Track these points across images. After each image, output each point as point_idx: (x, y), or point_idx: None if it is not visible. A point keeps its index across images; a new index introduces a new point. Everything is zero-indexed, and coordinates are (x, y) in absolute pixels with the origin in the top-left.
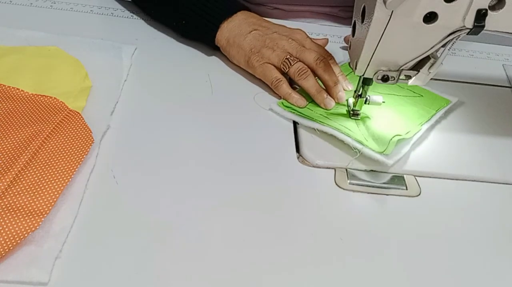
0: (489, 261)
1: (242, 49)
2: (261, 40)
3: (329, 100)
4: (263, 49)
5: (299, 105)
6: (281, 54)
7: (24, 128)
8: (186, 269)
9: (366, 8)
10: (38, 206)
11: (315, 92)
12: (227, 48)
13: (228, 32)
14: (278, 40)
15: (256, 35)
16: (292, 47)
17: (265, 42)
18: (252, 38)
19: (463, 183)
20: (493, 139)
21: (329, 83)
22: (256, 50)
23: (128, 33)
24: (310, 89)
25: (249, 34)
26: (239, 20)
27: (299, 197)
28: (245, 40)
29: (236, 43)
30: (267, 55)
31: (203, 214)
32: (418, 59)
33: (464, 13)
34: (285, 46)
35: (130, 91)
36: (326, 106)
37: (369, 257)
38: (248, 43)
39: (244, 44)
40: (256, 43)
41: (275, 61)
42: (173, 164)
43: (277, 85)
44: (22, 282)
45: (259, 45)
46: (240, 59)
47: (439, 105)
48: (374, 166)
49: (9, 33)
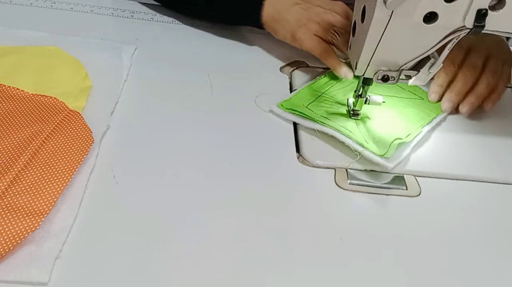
0: (489, 261)
1: (288, 22)
2: (306, 13)
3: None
4: (309, 23)
5: (348, 77)
6: (327, 26)
7: (24, 128)
8: (186, 269)
9: (366, 8)
10: (38, 206)
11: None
12: (271, 24)
13: (271, 8)
14: (323, 13)
15: (299, 9)
16: (337, 20)
17: (310, 16)
18: (296, 12)
19: (463, 183)
20: (493, 139)
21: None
22: (302, 23)
23: (128, 33)
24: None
25: (292, 8)
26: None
27: (299, 197)
28: (290, 14)
29: (281, 17)
30: (314, 28)
31: (203, 214)
32: (418, 59)
33: (464, 13)
34: (330, 19)
35: (130, 91)
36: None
37: (369, 257)
38: (294, 16)
39: (289, 18)
40: (301, 16)
41: (322, 33)
42: (173, 164)
43: (326, 56)
44: (22, 282)
45: (304, 19)
46: (286, 34)
47: (440, 108)
48: (374, 167)
49: (9, 33)
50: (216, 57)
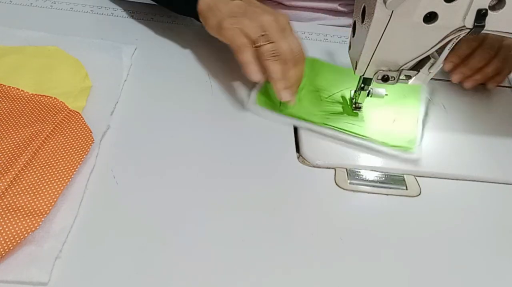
0: (489, 261)
1: (220, 12)
2: (242, 9)
3: (286, 93)
4: (241, 17)
5: (254, 79)
6: (257, 28)
7: (24, 128)
8: (186, 269)
9: (366, 8)
10: (38, 206)
11: (277, 79)
12: (204, 12)
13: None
14: (260, 14)
15: (238, 4)
16: (272, 26)
17: (246, 12)
18: (233, 5)
19: (463, 183)
20: (493, 139)
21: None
22: (233, 15)
23: (128, 33)
24: (273, 73)
25: (231, 2)
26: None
27: (299, 197)
28: (226, 6)
29: (216, 6)
30: (244, 23)
31: (203, 214)
32: (418, 59)
33: (464, 13)
34: (264, 22)
35: (130, 91)
36: (281, 97)
37: (369, 257)
38: (229, 9)
39: (223, 8)
40: (237, 10)
41: (251, 31)
42: (173, 164)
43: (242, 50)
44: (22, 282)
45: (239, 13)
46: (213, 23)
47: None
48: (375, 166)
49: (9, 33)
50: (216, 57)
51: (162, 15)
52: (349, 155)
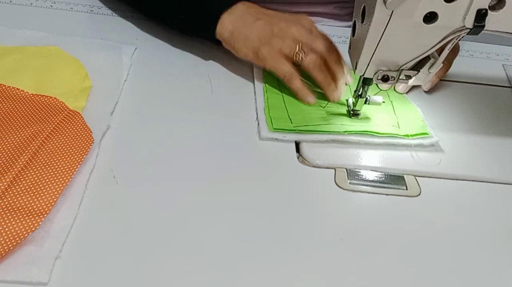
0: (489, 261)
1: (250, 39)
2: (269, 29)
3: (337, 94)
4: (273, 39)
5: (309, 101)
6: (292, 44)
7: (24, 128)
8: (186, 269)
9: (366, 8)
10: (38, 206)
11: (326, 85)
12: (231, 41)
13: (230, 24)
14: (287, 28)
15: (262, 25)
16: (302, 35)
17: (273, 31)
18: (258, 28)
19: (463, 183)
20: (493, 139)
21: (337, 75)
22: (265, 40)
23: (128, 33)
24: (322, 81)
25: (254, 24)
26: (240, 11)
27: (299, 197)
28: (251, 31)
29: (242, 34)
30: (278, 46)
31: (203, 214)
32: (418, 59)
33: (464, 13)
34: (295, 34)
35: (130, 91)
36: (334, 99)
37: (369, 257)
38: (256, 33)
39: (251, 34)
40: (264, 33)
41: (287, 51)
42: (173, 164)
43: (289, 79)
44: (22, 282)
45: (267, 35)
46: (248, 52)
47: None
48: (375, 166)
49: (9, 33)
50: (216, 57)
51: None
52: (349, 155)
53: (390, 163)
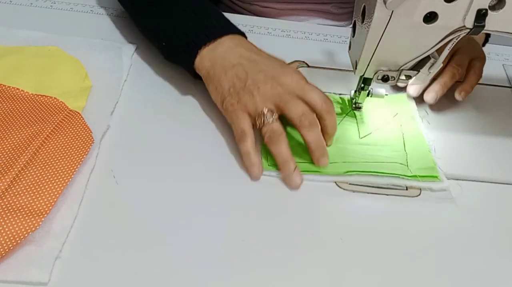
0: (489, 261)
1: (221, 86)
2: (243, 79)
3: (294, 176)
4: (242, 92)
5: (251, 172)
6: (260, 104)
7: (24, 128)
8: (186, 269)
9: (366, 8)
10: (38, 206)
11: (281, 161)
12: (207, 80)
13: (209, 61)
14: (262, 83)
15: (239, 72)
16: (276, 95)
17: (246, 83)
18: (233, 75)
19: (463, 183)
20: (493, 139)
21: (311, 146)
22: (234, 91)
23: (128, 33)
24: (277, 156)
25: (231, 69)
26: (224, 49)
27: (299, 197)
28: (226, 76)
29: (216, 77)
30: (244, 100)
31: (203, 214)
32: (418, 59)
33: (464, 13)
34: (268, 93)
35: (130, 91)
36: (289, 183)
37: (369, 257)
38: (229, 80)
39: (224, 80)
40: (236, 82)
41: (251, 109)
42: (173, 164)
43: (240, 139)
44: (22, 282)
45: (239, 86)
46: (216, 98)
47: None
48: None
49: (9, 33)
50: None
51: None
52: None
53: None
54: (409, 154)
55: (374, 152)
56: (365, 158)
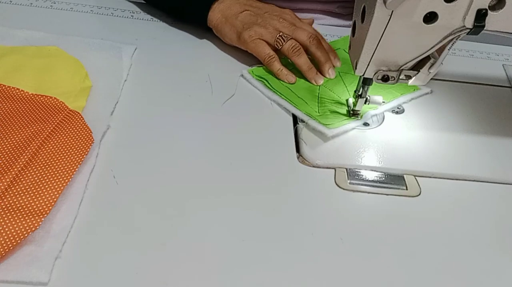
0: (489, 261)
1: (234, 26)
2: (253, 19)
3: (319, 77)
4: (255, 26)
5: (289, 81)
6: (273, 31)
7: (24, 128)
8: (185, 269)
9: (366, 8)
10: (38, 206)
11: (306, 69)
12: (219, 27)
13: (219, 12)
14: (270, 19)
15: (247, 15)
16: (284, 26)
17: (257, 21)
18: (244, 17)
19: (463, 183)
20: (493, 139)
21: (321, 59)
22: (248, 26)
23: (128, 33)
24: (302, 65)
25: (240, 14)
26: (230, 1)
27: (299, 197)
28: (237, 19)
29: (228, 21)
30: (259, 32)
31: (203, 213)
32: (418, 59)
33: (464, 13)
34: (277, 25)
35: (130, 91)
36: (316, 82)
37: (369, 257)
38: (240, 21)
39: (236, 22)
40: (248, 20)
41: (268, 37)
42: (173, 164)
43: (269, 61)
44: (22, 282)
45: (251, 23)
46: (232, 36)
47: (405, 90)
48: (374, 166)
49: (9, 33)
50: (216, 57)
51: (162, 15)
52: (349, 155)
53: (390, 163)
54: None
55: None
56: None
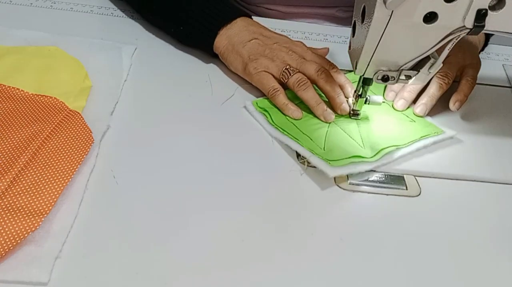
0: (489, 261)
1: (240, 56)
2: (261, 49)
3: (329, 113)
4: (262, 58)
5: (295, 117)
6: (280, 64)
7: (24, 128)
8: (185, 269)
9: (366, 8)
10: (38, 206)
11: (314, 104)
12: (225, 54)
13: (227, 39)
14: (278, 51)
15: (255, 44)
16: (292, 59)
17: (265, 52)
18: (251, 46)
19: (463, 183)
20: (493, 139)
21: (331, 94)
22: (254, 57)
23: (128, 33)
24: (309, 100)
25: (248, 43)
26: (238, 27)
27: (299, 197)
28: (244, 48)
29: (235, 50)
30: (265, 64)
31: (203, 213)
32: (418, 59)
33: (464, 13)
34: (285, 58)
35: (130, 91)
36: (326, 119)
37: (369, 257)
38: (247, 50)
39: (242, 51)
40: (255, 51)
41: (274, 71)
42: (173, 164)
43: (273, 95)
44: (22, 282)
45: (258, 54)
46: (237, 66)
47: (427, 132)
48: (375, 166)
49: (9, 33)
50: (216, 58)
51: None
52: None
53: (390, 163)
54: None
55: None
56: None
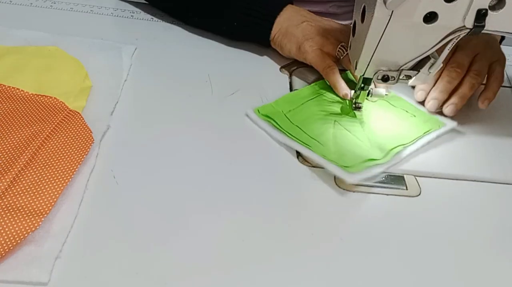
0: (489, 261)
1: (295, 36)
2: (314, 28)
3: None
4: (317, 37)
5: (344, 96)
6: (335, 42)
7: (24, 128)
8: (185, 269)
9: (366, 8)
10: (38, 206)
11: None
12: (279, 38)
13: (279, 25)
14: (330, 29)
15: (308, 26)
16: (345, 38)
17: (318, 31)
18: (304, 27)
19: (463, 183)
20: (493, 139)
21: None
22: (309, 36)
23: (128, 33)
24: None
25: (301, 24)
26: (289, 13)
27: (299, 197)
28: (297, 29)
29: (288, 32)
30: (320, 42)
31: (203, 213)
32: (418, 59)
33: (464, 13)
34: (339, 37)
35: (130, 91)
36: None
37: (369, 257)
38: (301, 31)
39: (296, 32)
40: (308, 31)
41: (330, 48)
42: (173, 164)
43: (328, 72)
44: (22, 282)
45: (312, 33)
46: (292, 47)
47: (430, 127)
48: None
49: (9, 33)
50: (216, 57)
51: (162, 15)
52: None
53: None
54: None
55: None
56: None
